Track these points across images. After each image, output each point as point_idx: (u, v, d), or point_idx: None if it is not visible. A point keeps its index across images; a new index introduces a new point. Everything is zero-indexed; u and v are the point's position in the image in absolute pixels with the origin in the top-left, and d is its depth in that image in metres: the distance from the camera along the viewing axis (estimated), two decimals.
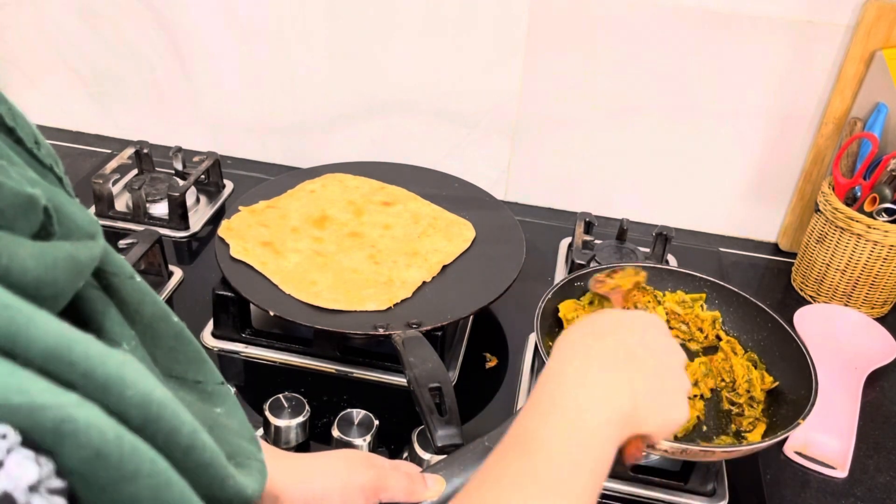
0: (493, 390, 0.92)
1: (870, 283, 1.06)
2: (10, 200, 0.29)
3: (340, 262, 0.96)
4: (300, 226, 1.01)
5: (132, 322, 0.36)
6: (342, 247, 0.99)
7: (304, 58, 1.25)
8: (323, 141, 1.33)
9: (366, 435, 0.77)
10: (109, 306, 0.35)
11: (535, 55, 1.17)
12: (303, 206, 1.06)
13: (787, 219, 1.24)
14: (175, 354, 0.39)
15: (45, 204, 0.31)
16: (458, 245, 1.02)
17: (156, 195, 1.18)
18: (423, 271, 0.95)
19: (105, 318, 0.35)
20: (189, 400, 0.39)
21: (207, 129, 1.36)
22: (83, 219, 0.34)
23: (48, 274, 0.29)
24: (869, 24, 1.04)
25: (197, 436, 0.31)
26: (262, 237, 0.98)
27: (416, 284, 0.93)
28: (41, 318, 0.26)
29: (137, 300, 0.37)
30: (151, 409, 0.28)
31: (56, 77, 1.36)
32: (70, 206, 0.34)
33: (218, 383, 0.41)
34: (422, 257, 0.98)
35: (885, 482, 0.84)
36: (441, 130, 1.27)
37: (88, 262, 0.33)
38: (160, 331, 0.38)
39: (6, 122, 0.36)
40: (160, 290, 1.01)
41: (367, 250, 0.99)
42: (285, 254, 0.96)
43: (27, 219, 0.30)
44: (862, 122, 1.09)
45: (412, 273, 0.95)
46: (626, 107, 1.19)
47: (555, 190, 1.30)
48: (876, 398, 0.96)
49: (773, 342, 0.88)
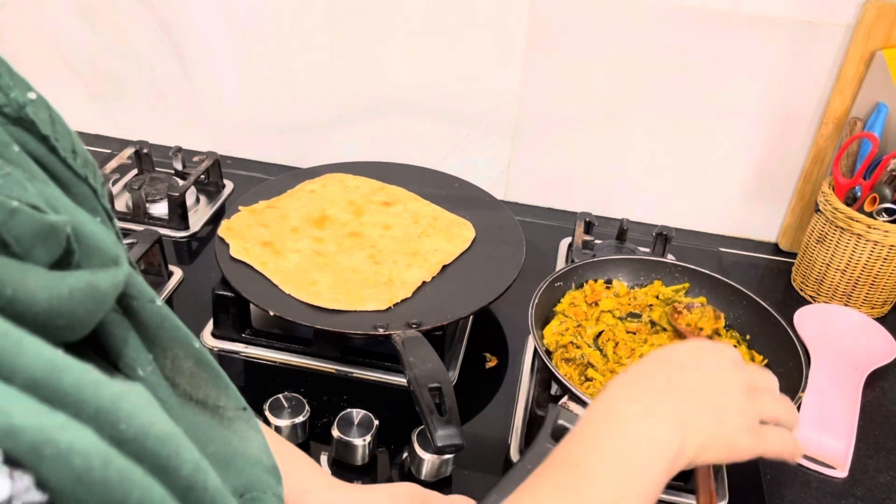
0: (493, 390, 0.92)
1: (870, 283, 1.06)
2: (27, 228, 0.28)
3: (340, 262, 0.96)
4: (300, 226, 1.01)
5: (151, 346, 0.35)
6: (342, 247, 0.99)
7: (305, 58, 1.25)
8: (323, 141, 1.33)
9: (366, 435, 0.77)
10: (129, 331, 0.34)
11: (535, 55, 1.17)
12: (303, 206, 1.06)
13: (787, 219, 1.24)
14: (195, 379, 0.38)
15: (68, 232, 0.30)
16: (458, 245, 1.02)
17: (156, 195, 1.18)
18: (424, 271, 0.95)
19: (125, 344, 0.34)
20: (209, 424, 0.38)
21: (207, 129, 1.36)
22: (106, 242, 0.32)
23: (62, 305, 0.28)
24: (869, 24, 1.04)
25: (198, 475, 0.30)
26: (262, 237, 0.98)
27: (416, 284, 0.93)
28: (32, 345, 0.25)
29: (157, 324, 0.36)
30: (146, 445, 0.28)
31: (56, 77, 1.36)
32: (92, 228, 0.32)
33: (240, 408, 0.40)
34: (422, 257, 0.98)
35: (885, 482, 0.84)
36: (441, 130, 1.27)
37: (111, 291, 0.32)
38: (180, 355, 0.37)
39: (41, 129, 0.34)
40: (160, 290, 1.01)
41: (367, 250, 0.99)
42: (285, 254, 0.96)
43: (47, 247, 0.29)
44: (862, 121, 1.09)
45: (412, 273, 0.95)
46: (625, 107, 1.19)
47: (555, 190, 1.30)
48: (876, 398, 0.96)
49: (753, 321, 0.91)
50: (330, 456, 0.79)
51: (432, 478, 0.77)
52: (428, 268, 0.96)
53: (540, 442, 0.60)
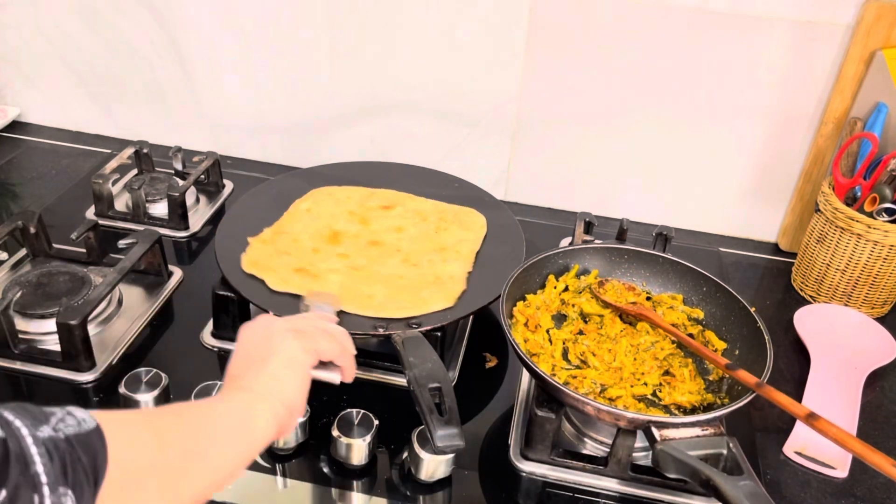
0: (493, 390, 0.92)
1: (870, 283, 1.06)
2: None
3: (379, 271, 0.96)
4: (318, 246, 1.00)
5: None
6: (370, 257, 0.99)
7: (304, 58, 1.25)
8: (323, 141, 1.33)
9: (366, 435, 0.77)
10: None
11: (535, 55, 1.17)
12: (308, 227, 1.04)
13: (787, 219, 1.24)
14: None
15: None
16: (477, 232, 1.04)
17: (156, 195, 1.18)
18: (462, 262, 0.98)
19: None
20: None
21: (207, 129, 1.36)
22: None
23: None
24: (869, 24, 1.04)
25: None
26: (291, 264, 0.96)
27: (464, 276, 0.96)
28: None
29: None
30: None
31: (56, 77, 1.36)
32: None
33: None
34: (452, 250, 1.00)
35: (885, 482, 0.84)
36: (441, 130, 1.27)
37: None
38: None
39: None
40: (160, 291, 1.01)
41: (395, 256, 0.99)
42: (323, 275, 0.95)
43: None
44: (862, 121, 1.09)
45: (453, 267, 0.97)
46: (625, 107, 1.19)
47: (555, 190, 1.30)
48: (876, 398, 0.96)
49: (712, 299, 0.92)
50: (330, 456, 0.79)
51: (432, 478, 0.77)
52: (463, 259, 0.98)
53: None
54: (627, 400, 0.81)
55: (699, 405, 0.82)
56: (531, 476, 0.80)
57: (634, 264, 0.97)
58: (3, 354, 0.88)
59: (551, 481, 0.80)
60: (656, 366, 0.85)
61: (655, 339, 0.89)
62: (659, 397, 0.83)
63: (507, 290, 0.87)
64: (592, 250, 0.98)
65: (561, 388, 0.74)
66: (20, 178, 1.27)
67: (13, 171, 1.29)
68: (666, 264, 0.96)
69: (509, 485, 0.80)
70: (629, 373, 0.84)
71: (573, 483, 0.80)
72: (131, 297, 1.00)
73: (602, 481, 0.80)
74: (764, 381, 0.75)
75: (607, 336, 0.90)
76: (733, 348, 0.87)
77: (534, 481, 0.80)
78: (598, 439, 0.84)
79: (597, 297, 0.93)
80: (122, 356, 0.91)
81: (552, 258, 0.95)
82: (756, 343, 0.83)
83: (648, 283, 0.97)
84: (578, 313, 0.93)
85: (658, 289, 0.96)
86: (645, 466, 0.80)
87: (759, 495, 0.65)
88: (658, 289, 0.96)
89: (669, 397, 0.82)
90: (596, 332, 0.90)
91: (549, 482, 0.80)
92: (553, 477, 0.80)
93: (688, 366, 0.86)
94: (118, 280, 0.92)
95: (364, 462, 0.78)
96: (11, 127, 1.41)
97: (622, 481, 0.80)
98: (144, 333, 0.95)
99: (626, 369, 0.85)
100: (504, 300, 0.86)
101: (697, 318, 0.92)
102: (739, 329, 0.87)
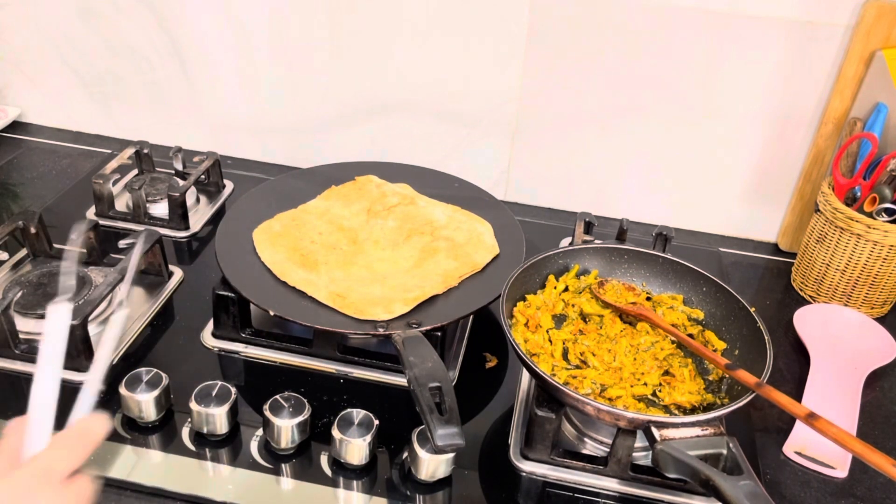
0: (493, 390, 0.92)
1: (870, 283, 1.06)
2: None
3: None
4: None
5: None
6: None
7: (305, 58, 1.25)
8: (323, 141, 1.33)
9: (366, 435, 0.77)
10: None
11: (535, 55, 1.17)
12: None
13: (786, 219, 1.24)
14: None
15: None
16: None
17: (156, 195, 1.18)
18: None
19: None
20: None
21: (207, 129, 1.36)
22: None
23: None
24: (869, 24, 1.04)
25: None
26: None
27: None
28: None
29: None
30: None
31: (56, 77, 1.36)
32: None
33: None
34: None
35: (885, 482, 0.84)
36: (441, 130, 1.27)
37: None
38: None
39: None
40: (160, 291, 1.01)
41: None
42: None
43: None
44: (862, 122, 1.09)
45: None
46: (625, 107, 1.19)
47: (555, 190, 1.30)
48: (876, 398, 0.96)
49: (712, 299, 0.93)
50: (330, 456, 0.79)
51: (432, 478, 0.77)
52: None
53: None
54: (627, 400, 0.81)
55: (699, 405, 0.82)
56: (531, 476, 0.80)
57: (634, 264, 0.97)
58: (3, 354, 0.88)
59: (551, 481, 0.80)
60: (656, 366, 0.86)
61: (655, 339, 0.89)
62: (659, 397, 0.83)
63: (507, 290, 0.87)
64: (592, 250, 0.98)
65: (561, 388, 0.74)
66: (20, 178, 1.28)
67: (13, 171, 1.29)
68: (666, 264, 0.96)
69: (509, 485, 0.80)
70: (629, 373, 0.84)
71: (573, 483, 0.80)
72: (131, 297, 1.00)
73: (602, 481, 0.80)
74: (764, 381, 0.76)
75: (607, 336, 0.90)
76: (733, 348, 0.87)
77: (534, 481, 0.80)
78: (598, 439, 0.84)
79: (597, 297, 0.94)
80: (122, 356, 0.91)
81: (552, 258, 0.95)
82: (756, 343, 0.83)
83: (648, 284, 0.97)
84: (578, 313, 0.93)
85: (658, 289, 0.96)
86: (645, 466, 0.80)
87: (759, 495, 0.65)
88: (658, 289, 0.96)
89: (669, 397, 0.82)
90: (596, 332, 0.90)
91: (549, 482, 0.80)
92: (553, 477, 0.80)
93: (688, 366, 0.86)
94: (118, 280, 0.92)
95: (364, 462, 0.78)
96: (12, 127, 1.41)
97: (622, 481, 0.80)
98: (145, 333, 0.95)
99: (625, 369, 0.85)
100: (504, 300, 0.86)
101: (697, 318, 0.92)
102: (739, 329, 0.87)
